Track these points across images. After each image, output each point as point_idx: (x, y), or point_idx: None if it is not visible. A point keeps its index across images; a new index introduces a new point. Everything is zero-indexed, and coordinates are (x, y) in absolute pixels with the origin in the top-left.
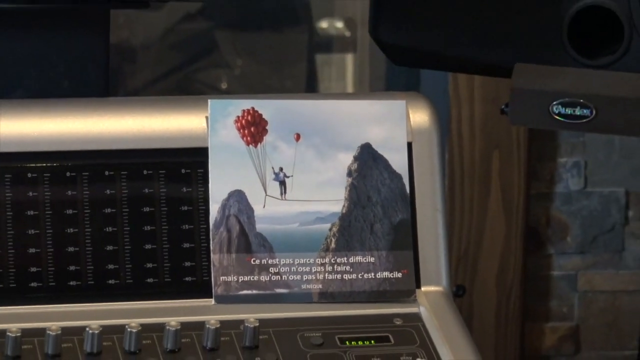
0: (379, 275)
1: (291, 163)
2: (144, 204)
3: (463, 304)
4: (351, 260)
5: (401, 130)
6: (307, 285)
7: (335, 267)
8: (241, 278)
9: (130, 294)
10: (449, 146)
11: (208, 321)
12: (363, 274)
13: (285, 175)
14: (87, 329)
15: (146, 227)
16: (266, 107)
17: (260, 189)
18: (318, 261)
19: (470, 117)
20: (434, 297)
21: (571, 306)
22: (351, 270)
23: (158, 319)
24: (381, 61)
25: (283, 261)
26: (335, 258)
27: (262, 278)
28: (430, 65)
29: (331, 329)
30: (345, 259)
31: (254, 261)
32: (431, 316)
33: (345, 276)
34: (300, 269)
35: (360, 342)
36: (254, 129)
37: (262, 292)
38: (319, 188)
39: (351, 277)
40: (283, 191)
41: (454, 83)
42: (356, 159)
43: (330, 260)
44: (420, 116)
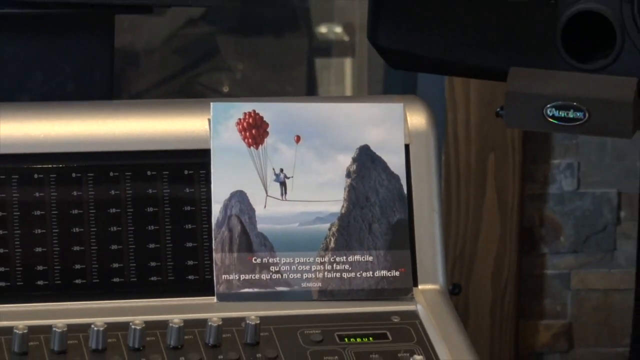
0: (377, 274)
1: (291, 164)
2: (147, 204)
3: (459, 302)
4: (350, 259)
5: (399, 132)
6: (307, 284)
7: (335, 265)
8: (243, 276)
9: (134, 292)
10: (445, 148)
11: (210, 318)
12: (361, 272)
13: (285, 176)
14: (93, 326)
15: (150, 227)
16: (267, 110)
17: (261, 189)
18: (318, 260)
19: (466, 119)
20: (430, 295)
21: (564, 304)
22: (350, 269)
23: (161, 316)
24: (379, 65)
25: (283, 260)
26: (335, 257)
27: (263, 276)
28: (427, 69)
29: (330, 326)
30: (344, 258)
31: (255, 260)
32: (428, 314)
33: (344, 275)
34: (300, 267)
35: (358, 339)
36: (255, 131)
37: (263, 290)
38: (318, 189)
39: (350, 276)
40: (283, 192)
41: (450, 86)
42: (355, 160)
43: (329, 259)
44: (418, 119)
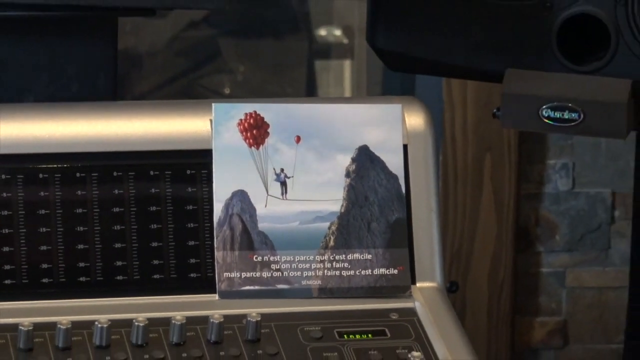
0: (375, 272)
1: (292, 164)
2: (150, 203)
3: (456, 299)
4: (349, 257)
5: (397, 133)
6: (307, 281)
7: (334, 264)
8: (244, 274)
9: (137, 290)
10: (443, 148)
11: (212, 316)
12: (360, 270)
13: (286, 176)
14: (96, 323)
15: (153, 226)
16: (268, 111)
17: (262, 189)
18: (317, 258)
19: (463, 120)
20: (428, 292)
21: (559, 302)
22: (349, 267)
23: (164, 313)
24: (378, 67)
25: (284, 258)
26: (334, 255)
27: (264, 274)
28: (425, 71)
29: (330, 323)
30: (344, 256)
31: (256, 258)
32: (426, 311)
33: (344, 272)
34: (300, 265)
35: (357, 336)
36: (256, 131)
37: (263, 287)
38: (318, 188)
39: (349, 274)
40: (284, 191)
41: (447, 88)
42: (354, 160)
43: (329, 258)
44: (416, 120)
